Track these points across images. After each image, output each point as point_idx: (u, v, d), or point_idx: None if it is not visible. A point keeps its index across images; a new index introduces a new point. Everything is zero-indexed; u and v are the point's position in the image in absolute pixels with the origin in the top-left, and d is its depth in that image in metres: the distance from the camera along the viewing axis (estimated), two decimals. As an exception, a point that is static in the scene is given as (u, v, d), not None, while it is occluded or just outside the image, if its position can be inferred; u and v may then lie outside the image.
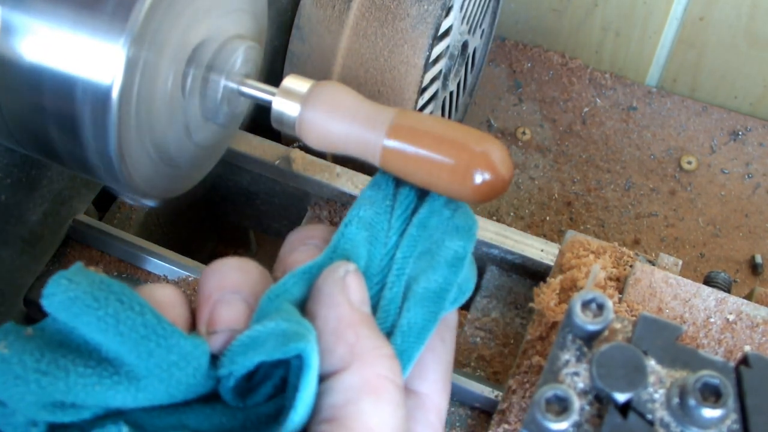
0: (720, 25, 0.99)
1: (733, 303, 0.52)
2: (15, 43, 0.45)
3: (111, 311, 0.36)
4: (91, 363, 0.36)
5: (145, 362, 0.36)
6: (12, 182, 0.61)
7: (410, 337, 0.41)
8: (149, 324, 0.37)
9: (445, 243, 0.43)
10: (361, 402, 0.36)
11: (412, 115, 0.46)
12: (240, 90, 0.52)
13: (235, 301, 0.39)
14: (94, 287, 0.37)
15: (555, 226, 0.98)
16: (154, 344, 0.36)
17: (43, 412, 0.36)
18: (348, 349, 0.37)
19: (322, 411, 0.36)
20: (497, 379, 0.59)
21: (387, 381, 0.37)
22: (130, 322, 0.36)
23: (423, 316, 0.41)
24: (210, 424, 0.39)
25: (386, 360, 0.37)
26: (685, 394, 0.36)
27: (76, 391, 0.36)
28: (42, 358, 0.36)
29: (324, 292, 0.39)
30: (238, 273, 0.40)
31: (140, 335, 0.36)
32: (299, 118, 0.47)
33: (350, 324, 0.38)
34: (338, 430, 0.35)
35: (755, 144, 1.03)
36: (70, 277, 0.37)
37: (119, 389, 0.36)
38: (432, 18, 0.74)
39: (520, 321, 0.62)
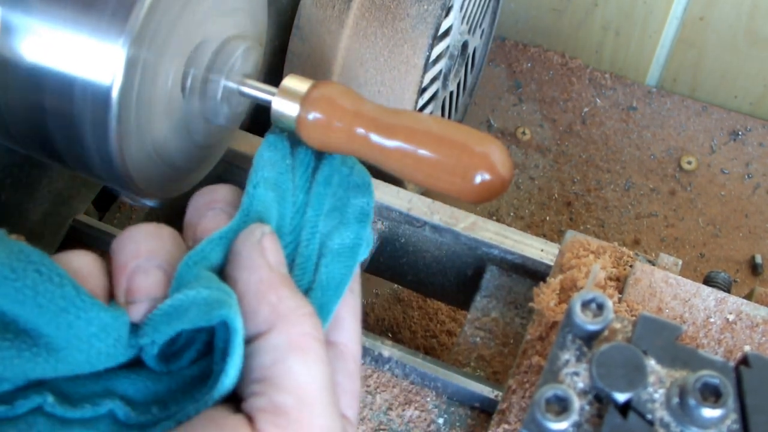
0: (720, 25, 0.99)
1: (732, 303, 0.52)
2: (15, 43, 0.45)
3: (29, 282, 0.36)
4: (9, 336, 0.36)
5: (65, 334, 0.36)
6: (12, 182, 0.61)
7: (329, 290, 0.42)
8: (68, 296, 0.36)
9: (351, 200, 0.46)
10: (288, 360, 0.36)
11: (412, 115, 0.46)
12: (240, 90, 0.52)
13: (152, 269, 0.39)
14: (12, 257, 0.36)
15: (555, 226, 0.98)
16: (73, 316, 0.36)
17: None
18: (271, 310, 0.38)
19: (252, 372, 0.37)
20: (497, 378, 0.59)
21: (311, 338, 0.37)
22: (48, 294, 0.36)
23: (340, 271, 0.43)
24: (135, 389, 0.39)
25: (308, 318, 0.38)
26: (685, 393, 0.36)
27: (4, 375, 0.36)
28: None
29: (243, 255, 0.40)
30: (153, 240, 0.40)
31: (59, 307, 0.36)
32: (299, 117, 0.47)
33: (271, 286, 0.39)
34: (269, 389, 0.36)
35: (755, 144, 1.03)
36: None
37: (38, 361, 0.36)
38: (432, 18, 0.74)
39: (520, 321, 0.62)
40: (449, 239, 0.64)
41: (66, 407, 0.37)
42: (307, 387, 0.36)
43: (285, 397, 0.36)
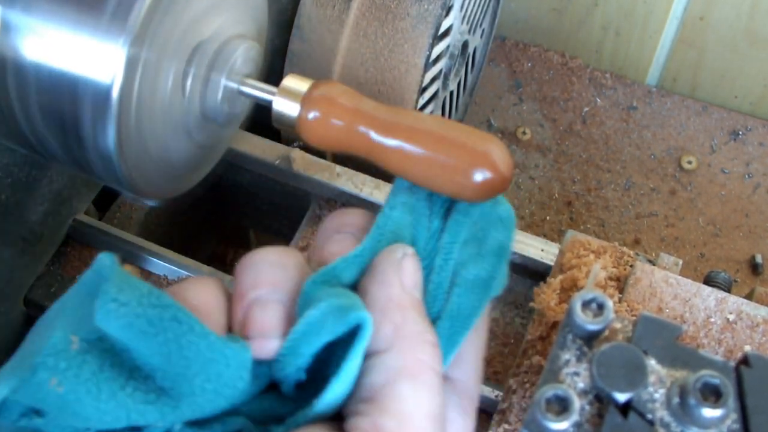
0: (720, 25, 0.99)
1: (733, 303, 0.52)
2: (15, 42, 0.45)
3: (171, 336, 0.34)
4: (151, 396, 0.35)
5: (214, 384, 0.35)
6: (12, 182, 0.61)
7: (458, 322, 0.40)
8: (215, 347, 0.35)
9: (491, 232, 0.43)
10: (399, 384, 0.35)
11: (412, 114, 0.46)
12: (240, 89, 0.52)
13: (270, 304, 0.37)
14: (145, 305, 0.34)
15: (555, 225, 0.98)
16: (223, 365, 0.35)
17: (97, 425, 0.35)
18: (393, 330, 0.37)
19: (361, 390, 0.36)
20: (497, 378, 0.59)
21: (427, 367, 0.36)
22: (194, 347, 0.35)
23: (472, 303, 0.41)
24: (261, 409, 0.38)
25: (428, 346, 0.37)
26: (686, 393, 0.36)
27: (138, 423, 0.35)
28: (100, 394, 0.34)
29: (378, 270, 0.39)
30: (275, 269, 0.38)
31: (207, 359, 0.35)
32: (299, 117, 0.47)
33: (399, 306, 0.38)
34: (374, 410, 0.35)
35: (755, 144, 1.03)
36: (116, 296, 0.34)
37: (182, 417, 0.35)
38: (432, 17, 0.74)
39: (520, 321, 0.62)
40: (449, 239, 0.64)
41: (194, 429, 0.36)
42: (412, 414, 0.35)
43: (388, 420, 0.34)
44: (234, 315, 0.38)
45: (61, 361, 0.34)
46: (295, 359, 0.37)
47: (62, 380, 0.34)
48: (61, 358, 0.34)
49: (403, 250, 0.40)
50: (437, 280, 0.42)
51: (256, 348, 0.37)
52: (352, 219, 0.43)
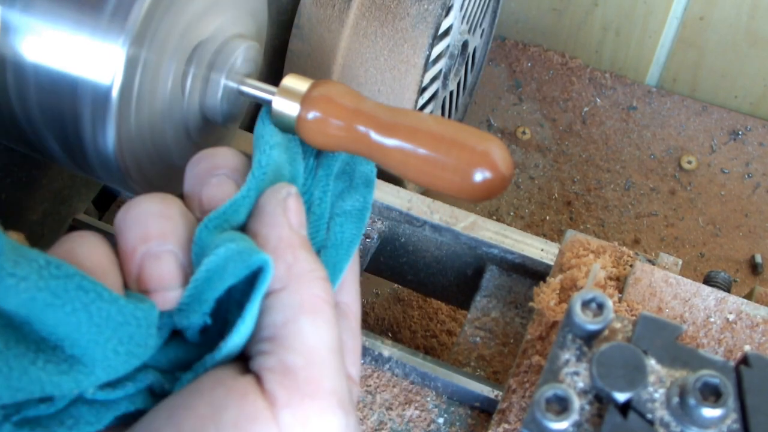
0: (720, 25, 0.99)
1: (733, 302, 0.52)
2: (15, 42, 0.45)
3: (79, 305, 0.34)
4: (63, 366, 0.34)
5: (126, 346, 0.35)
6: (12, 181, 0.61)
7: (341, 250, 0.43)
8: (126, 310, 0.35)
9: (357, 166, 0.47)
10: (299, 321, 0.36)
11: (412, 114, 0.46)
12: (240, 89, 0.52)
13: (163, 255, 0.37)
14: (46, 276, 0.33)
15: (555, 225, 0.98)
16: (134, 327, 0.35)
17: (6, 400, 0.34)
18: (286, 269, 0.38)
19: (262, 330, 0.37)
20: (497, 378, 0.59)
21: (322, 301, 0.37)
22: (104, 313, 0.34)
23: (351, 231, 0.44)
24: (167, 359, 0.38)
25: (321, 281, 0.38)
26: (685, 393, 0.36)
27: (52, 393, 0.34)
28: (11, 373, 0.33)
29: (266, 211, 0.40)
30: (161, 220, 0.38)
31: (118, 323, 0.34)
32: (299, 117, 0.47)
33: (289, 245, 0.39)
34: (278, 348, 0.36)
35: (755, 143, 1.03)
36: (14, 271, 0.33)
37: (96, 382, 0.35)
38: (432, 17, 0.74)
39: (520, 320, 0.62)
40: (449, 239, 0.64)
41: (107, 391, 0.36)
42: (316, 349, 0.36)
43: (294, 357, 0.35)
44: (127, 271, 0.37)
45: None
46: (199, 306, 0.37)
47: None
48: None
49: (287, 189, 0.41)
50: (318, 212, 0.44)
51: (159, 301, 0.37)
52: (224, 160, 0.43)
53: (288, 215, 0.40)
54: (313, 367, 0.35)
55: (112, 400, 0.36)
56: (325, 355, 0.36)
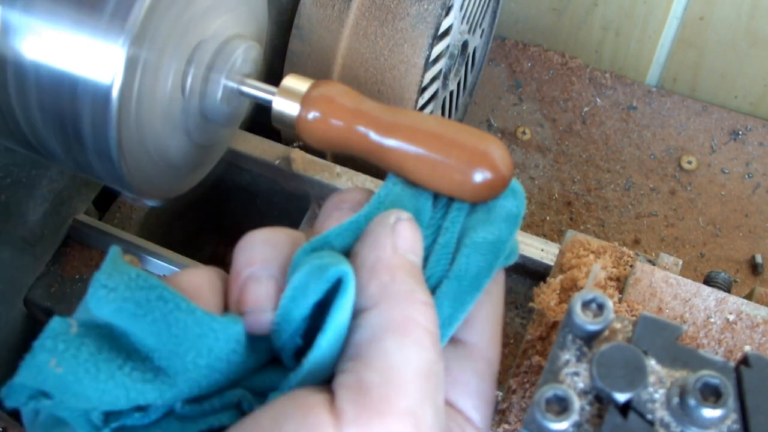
0: (720, 25, 0.99)
1: (733, 303, 0.52)
2: (15, 42, 0.45)
3: (158, 315, 0.35)
4: (149, 375, 0.35)
5: (206, 359, 0.35)
6: (12, 182, 0.61)
7: (464, 282, 0.40)
8: (203, 321, 0.35)
9: (499, 201, 0.43)
10: (384, 340, 0.34)
11: (412, 114, 0.46)
12: (240, 89, 0.52)
13: (264, 279, 0.38)
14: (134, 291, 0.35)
15: (555, 225, 0.98)
16: (212, 340, 0.35)
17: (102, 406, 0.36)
18: (380, 288, 0.36)
19: (348, 348, 0.35)
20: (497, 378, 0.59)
21: (415, 323, 0.35)
22: (181, 324, 0.35)
23: (480, 264, 0.41)
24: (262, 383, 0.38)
25: (419, 305, 0.36)
26: (686, 394, 0.36)
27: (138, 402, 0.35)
28: (98, 374, 0.35)
29: (369, 233, 0.39)
30: (267, 247, 0.38)
31: (195, 334, 0.35)
32: (299, 117, 0.47)
33: (388, 266, 0.37)
34: (361, 367, 0.34)
35: (755, 143, 1.03)
36: (106, 282, 0.35)
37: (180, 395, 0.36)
38: (432, 17, 0.74)
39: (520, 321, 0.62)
40: (449, 239, 0.64)
41: (194, 406, 0.37)
42: (397, 368, 0.34)
43: (372, 374, 0.33)
44: (230, 295, 0.38)
45: (59, 343, 0.35)
46: (288, 326, 0.37)
47: (60, 361, 0.35)
48: (59, 341, 0.35)
49: (397, 215, 0.39)
50: (442, 241, 0.41)
51: (251, 321, 0.37)
52: (353, 196, 0.43)
53: (394, 238, 0.38)
54: (390, 385, 0.33)
55: (200, 415, 0.37)
56: (409, 376, 0.34)
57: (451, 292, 0.40)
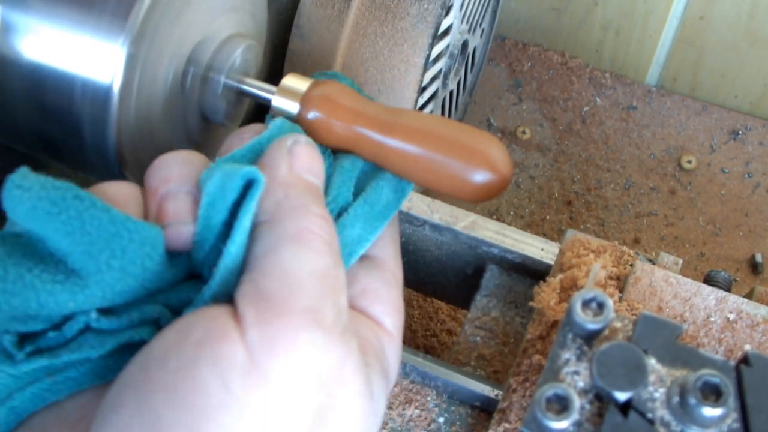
0: (720, 24, 0.99)
1: (733, 302, 0.52)
2: (15, 42, 0.45)
3: (73, 213, 0.35)
4: (60, 277, 0.35)
5: (119, 261, 0.35)
6: (12, 181, 0.61)
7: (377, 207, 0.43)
8: (117, 219, 0.35)
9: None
10: (279, 250, 0.35)
11: (412, 113, 0.46)
12: (239, 88, 0.52)
13: (181, 194, 0.38)
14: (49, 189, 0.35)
15: (555, 225, 0.98)
16: (126, 240, 0.35)
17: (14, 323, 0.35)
18: (274, 204, 0.37)
19: (247, 263, 0.36)
20: (497, 378, 0.59)
21: (309, 232, 0.36)
22: (96, 221, 0.35)
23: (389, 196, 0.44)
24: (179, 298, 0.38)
25: (313, 216, 0.37)
26: (686, 392, 0.36)
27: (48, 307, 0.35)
28: (6, 276, 0.34)
29: (267, 155, 0.40)
30: (182, 165, 0.39)
31: (110, 233, 0.35)
32: (299, 116, 0.47)
33: (282, 183, 0.38)
34: (258, 276, 0.35)
35: (755, 143, 1.03)
36: (20, 183, 0.35)
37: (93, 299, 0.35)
38: (432, 17, 0.74)
39: (520, 320, 0.62)
40: (449, 238, 0.64)
41: (112, 319, 0.36)
42: (293, 272, 0.35)
43: (268, 281, 0.34)
44: (148, 210, 0.38)
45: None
46: (209, 233, 0.37)
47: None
48: None
49: (295, 138, 0.40)
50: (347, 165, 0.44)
51: (172, 234, 0.37)
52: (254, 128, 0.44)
53: (291, 159, 0.39)
54: (287, 287, 0.34)
55: (117, 330, 0.36)
56: (304, 278, 0.35)
57: (363, 214, 0.42)
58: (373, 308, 0.41)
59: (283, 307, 0.33)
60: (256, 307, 0.33)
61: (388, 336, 0.41)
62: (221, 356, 0.32)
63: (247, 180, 0.37)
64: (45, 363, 0.35)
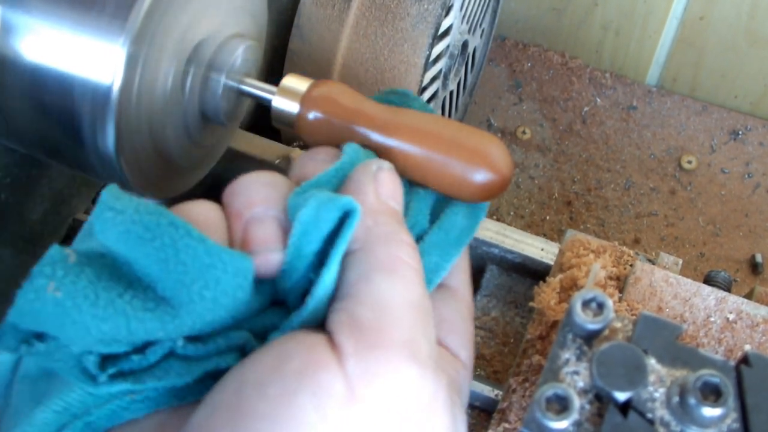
0: (720, 24, 0.99)
1: (733, 302, 0.52)
2: (15, 42, 0.45)
3: (167, 241, 0.34)
4: (150, 305, 0.34)
5: (212, 292, 0.34)
6: (12, 181, 0.61)
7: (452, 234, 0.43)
8: (213, 251, 0.34)
9: None
10: (372, 277, 0.35)
11: (412, 114, 0.46)
12: (240, 89, 0.52)
13: (268, 220, 0.38)
14: (142, 213, 0.34)
15: (555, 225, 0.98)
16: (220, 271, 0.34)
17: (99, 345, 0.34)
18: (365, 231, 0.37)
19: (339, 290, 0.36)
20: (497, 378, 0.59)
21: (400, 261, 0.36)
22: (191, 251, 0.34)
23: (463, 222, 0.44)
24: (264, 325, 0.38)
25: (404, 245, 0.37)
26: (686, 393, 0.36)
27: (138, 335, 0.34)
28: (98, 301, 0.33)
29: (353, 181, 0.40)
30: (267, 188, 0.39)
31: (204, 264, 0.34)
32: (299, 116, 0.47)
33: (371, 210, 0.38)
34: (353, 304, 0.35)
35: (755, 143, 1.03)
36: (113, 205, 0.34)
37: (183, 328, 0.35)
38: (432, 17, 0.74)
39: (520, 320, 0.62)
40: (449, 238, 0.64)
41: (198, 346, 0.36)
42: (388, 302, 0.35)
43: (364, 309, 0.34)
44: (232, 235, 0.38)
45: (58, 270, 0.34)
46: (300, 262, 0.37)
47: (59, 286, 0.33)
48: (58, 267, 0.34)
49: (378, 164, 0.40)
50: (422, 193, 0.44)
51: (260, 261, 0.37)
52: (325, 150, 0.44)
53: (376, 185, 0.39)
54: (383, 318, 0.34)
55: (203, 356, 0.36)
56: (400, 309, 0.35)
57: (439, 242, 0.42)
58: (449, 339, 0.41)
59: (382, 339, 0.33)
60: (353, 338, 0.33)
61: (464, 370, 0.41)
62: (321, 386, 0.32)
63: (344, 211, 0.36)
64: (129, 388, 0.35)
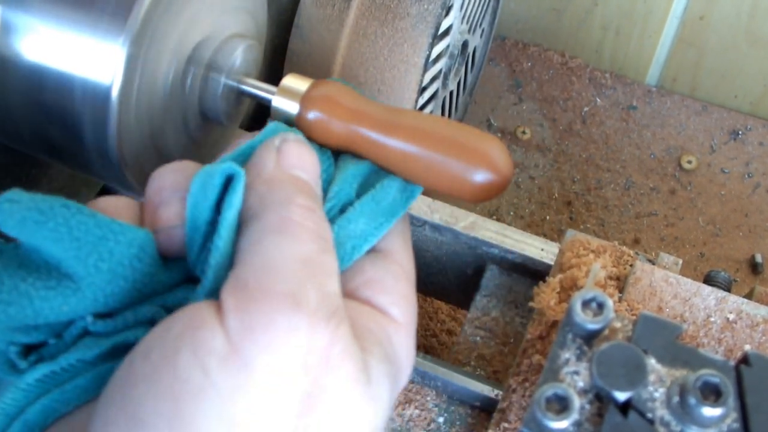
0: (720, 24, 0.99)
1: (733, 302, 0.52)
2: (15, 42, 0.45)
3: (60, 220, 0.36)
4: (52, 282, 0.36)
5: (107, 263, 0.36)
6: (12, 181, 0.61)
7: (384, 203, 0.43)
8: (102, 223, 0.36)
9: None
10: (262, 241, 0.35)
11: (412, 114, 0.46)
12: (240, 88, 0.52)
13: (172, 200, 0.39)
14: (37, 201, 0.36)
15: (555, 225, 0.98)
16: (113, 242, 0.36)
17: (17, 334, 0.36)
18: (258, 199, 0.37)
19: (234, 258, 0.36)
20: (497, 378, 0.59)
21: (290, 221, 0.36)
22: (83, 226, 0.36)
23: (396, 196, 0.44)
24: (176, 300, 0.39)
25: (294, 206, 0.37)
26: (686, 392, 0.36)
27: (44, 314, 0.36)
28: (2, 287, 0.35)
29: (255, 155, 0.40)
30: (174, 173, 0.40)
31: (97, 237, 0.36)
32: (298, 116, 0.47)
33: (267, 179, 0.38)
34: (239, 268, 0.35)
35: (755, 143, 1.03)
36: (10, 197, 0.36)
37: (86, 302, 0.36)
38: (432, 17, 0.74)
39: (520, 320, 0.62)
40: (449, 238, 0.64)
41: (107, 321, 0.37)
42: (272, 258, 0.34)
43: (248, 269, 0.34)
44: (144, 221, 0.39)
45: None
46: (197, 234, 0.38)
47: None
48: None
49: (283, 137, 0.41)
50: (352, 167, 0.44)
51: (163, 238, 0.38)
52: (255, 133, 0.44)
53: (278, 156, 0.39)
54: (265, 274, 0.34)
55: (113, 331, 0.37)
56: (284, 263, 0.34)
57: (367, 211, 0.42)
58: (378, 298, 0.40)
59: (262, 293, 0.33)
60: (235, 295, 0.33)
61: (395, 325, 0.40)
62: (200, 343, 0.32)
63: (226, 176, 0.38)
64: (47, 370, 0.36)
